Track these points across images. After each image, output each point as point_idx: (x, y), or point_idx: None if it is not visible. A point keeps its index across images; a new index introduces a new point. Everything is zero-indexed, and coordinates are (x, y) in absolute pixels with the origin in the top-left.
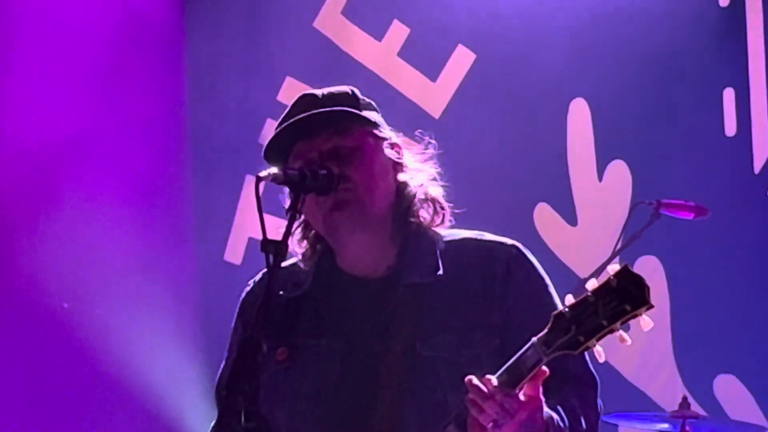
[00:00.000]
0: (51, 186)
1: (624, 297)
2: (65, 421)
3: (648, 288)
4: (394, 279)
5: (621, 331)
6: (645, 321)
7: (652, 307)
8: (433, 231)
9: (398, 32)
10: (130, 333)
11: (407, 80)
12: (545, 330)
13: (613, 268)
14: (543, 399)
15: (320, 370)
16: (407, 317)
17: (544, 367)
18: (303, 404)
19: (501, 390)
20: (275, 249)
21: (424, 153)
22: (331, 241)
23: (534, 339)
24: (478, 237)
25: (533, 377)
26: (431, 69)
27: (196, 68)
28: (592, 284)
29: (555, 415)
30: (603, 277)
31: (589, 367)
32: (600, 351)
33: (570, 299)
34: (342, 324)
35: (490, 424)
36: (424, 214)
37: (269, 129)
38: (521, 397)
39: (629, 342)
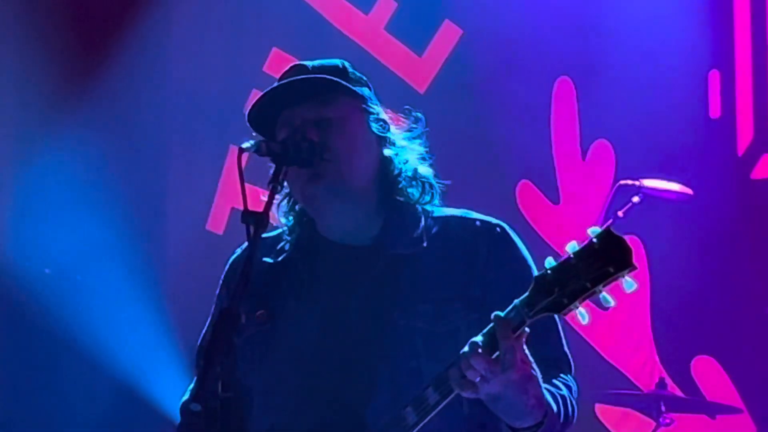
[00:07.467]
0: (29, 154)
1: (607, 259)
2: (37, 386)
3: (631, 250)
4: (377, 249)
5: (604, 293)
6: (628, 282)
7: (635, 268)
8: (420, 208)
9: (385, 6)
10: (110, 301)
11: (393, 54)
12: (527, 292)
13: (594, 230)
14: (537, 370)
15: (297, 334)
16: (388, 286)
17: (526, 329)
18: (278, 368)
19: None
20: (256, 220)
21: (413, 130)
22: (311, 211)
23: (516, 301)
24: (465, 215)
25: (515, 339)
26: (417, 43)
27: (182, 37)
28: (572, 246)
29: (554, 404)
30: (585, 240)
31: (565, 350)
32: (584, 313)
33: (551, 261)
34: (322, 289)
35: (477, 379)
36: (412, 192)
37: (255, 100)
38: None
39: (613, 304)
